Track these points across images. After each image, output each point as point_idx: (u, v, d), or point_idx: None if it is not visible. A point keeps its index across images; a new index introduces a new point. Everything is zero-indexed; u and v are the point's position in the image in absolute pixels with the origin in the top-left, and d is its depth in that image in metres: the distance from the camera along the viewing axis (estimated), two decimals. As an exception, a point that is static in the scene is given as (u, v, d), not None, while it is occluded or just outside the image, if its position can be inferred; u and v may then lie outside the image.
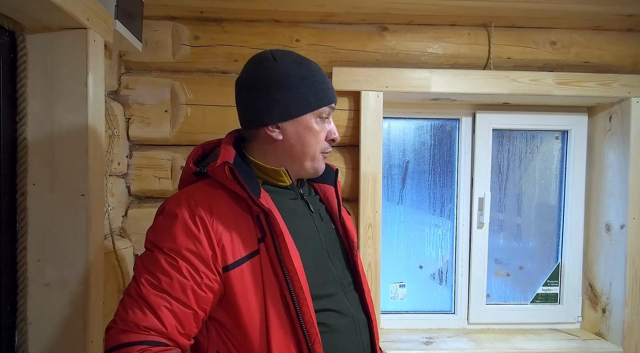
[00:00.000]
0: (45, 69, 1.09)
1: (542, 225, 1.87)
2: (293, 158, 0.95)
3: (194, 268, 0.80)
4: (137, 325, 0.77)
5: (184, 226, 0.82)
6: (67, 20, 1.04)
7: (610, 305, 1.71)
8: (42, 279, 1.10)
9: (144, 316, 0.77)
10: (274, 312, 0.83)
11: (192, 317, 0.81)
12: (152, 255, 0.82)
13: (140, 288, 0.79)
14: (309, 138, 0.93)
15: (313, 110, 0.92)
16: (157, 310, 0.78)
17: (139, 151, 1.57)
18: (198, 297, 0.81)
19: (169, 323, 0.78)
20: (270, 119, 0.91)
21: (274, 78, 0.90)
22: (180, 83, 1.57)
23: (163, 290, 0.79)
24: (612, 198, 1.70)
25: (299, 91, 0.90)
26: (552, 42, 1.67)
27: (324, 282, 0.91)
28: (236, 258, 0.83)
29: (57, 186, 1.10)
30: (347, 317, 0.92)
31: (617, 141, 1.69)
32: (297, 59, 0.94)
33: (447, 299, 1.84)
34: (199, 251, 0.81)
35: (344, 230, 1.04)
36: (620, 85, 1.62)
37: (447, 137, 1.83)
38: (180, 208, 0.84)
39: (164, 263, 0.80)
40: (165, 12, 1.54)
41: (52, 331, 1.09)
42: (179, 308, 0.79)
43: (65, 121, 1.10)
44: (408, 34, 1.64)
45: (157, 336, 0.78)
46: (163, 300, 0.78)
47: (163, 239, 0.82)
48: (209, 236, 0.82)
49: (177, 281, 0.79)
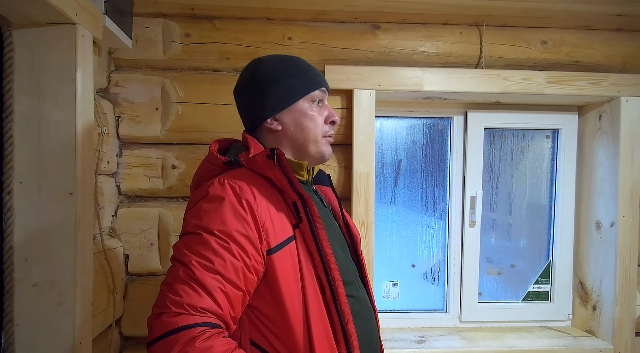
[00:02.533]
0: (32, 65, 1.07)
1: (533, 223, 1.88)
2: (297, 145, 1.00)
3: (244, 250, 0.81)
4: (194, 306, 0.75)
5: (233, 209, 0.83)
6: (55, 15, 1.02)
7: (601, 303, 1.72)
8: (29, 280, 1.08)
9: (200, 297, 0.76)
10: (312, 294, 0.86)
11: (241, 299, 0.81)
12: (200, 238, 0.81)
13: (193, 270, 0.77)
14: (306, 122, 0.99)
15: (304, 95, 0.99)
16: (213, 291, 0.77)
17: (129, 149, 1.55)
18: (247, 279, 0.81)
19: (224, 305, 0.78)
20: (266, 112, 0.98)
21: (261, 76, 0.99)
22: (171, 81, 1.55)
23: (217, 272, 0.78)
24: (602, 196, 1.72)
25: (287, 82, 0.98)
26: (543, 42, 1.68)
27: (344, 269, 0.94)
28: (278, 241, 0.86)
29: (45, 184, 1.08)
30: (364, 304, 0.98)
31: (607, 140, 1.70)
32: (280, 57, 1.02)
33: (439, 298, 1.85)
34: (247, 233, 0.82)
35: (346, 228, 1.10)
36: (610, 84, 1.63)
37: (439, 136, 1.83)
38: (225, 192, 0.85)
39: (215, 245, 0.80)
40: (155, 9, 1.52)
41: (39, 333, 1.07)
42: (231, 290, 0.79)
43: (53, 118, 1.07)
44: (400, 33, 1.64)
45: (214, 318, 0.76)
46: (217, 282, 0.78)
47: (211, 221, 0.82)
48: (255, 219, 0.84)
49: (230, 263, 0.79)
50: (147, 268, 1.54)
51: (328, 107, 1.03)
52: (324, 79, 1.03)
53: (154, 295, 1.54)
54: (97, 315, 1.29)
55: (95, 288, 1.24)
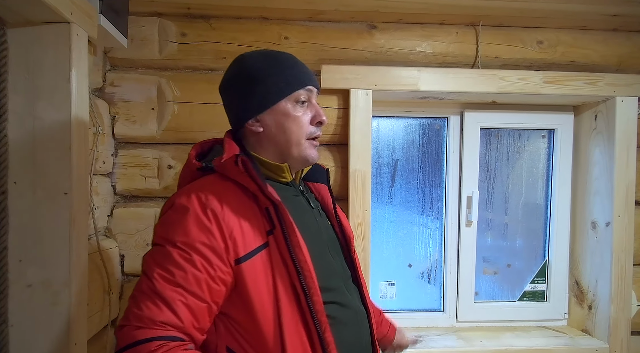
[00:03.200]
0: (26, 64, 1.06)
1: (529, 223, 1.89)
2: (279, 147, 0.95)
3: (208, 261, 0.80)
4: (153, 320, 0.75)
5: (196, 219, 0.81)
6: (49, 14, 1.01)
7: (597, 302, 1.73)
8: (23, 280, 1.07)
9: (160, 311, 0.76)
10: (286, 303, 0.83)
11: (206, 311, 0.80)
12: (163, 249, 0.81)
13: (154, 283, 0.78)
14: (288, 124, 0.94)
15: (286, 96, 0.93)
16: (173, 305, 0.77)
17: (124, 149, 1.54)
18: (212, 290, 0.80)
19: (185, 318, 0.77)
20: (248, 114, 0.94)
21: (244, 75, 0.94)
22: (167, 80, 1.55)
23: (178, 284, 0.78)
24: (598, 195, 1.72)
25: (269, 80, 0.92)
26: (539, 42, 1.69)
27: (328, 275, 0.91)
28: (247, 250, 0.83)
29: (40, 184, 1.07)
30: (350, 310, 0.93)
31: (602, 140, 1.71)
32: (265, 53, 0.97)
33: (436, 297, 1.85)
34: (212, 244, 0.81)
35: (340, 227, 1.06)
36: (606, 84, 1.64)
37: (435, 136, 1.83)
38: (191, 202, 0.83)
39: (177, 257, 0.79)
40: (151, 8, 1.52)
41: (34, 334, 1.06)
42: (194, 302, 0.78)
43: (47, 117, 1.07)
44: (397, 33, 1.64)
45: (174, 331, 0.76)
46: (178, 294, 0.77)
47: (175, 233, 0.81)
48: (221, 229, 0.82)
49: (191, 275, 0.78)
50: (143, 268, 1.53)
51: (315, 107, 0.97)
52: (312, 77, 0.97)
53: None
54: (93, 315, 1.28)
55: (91, 289, 1.23)
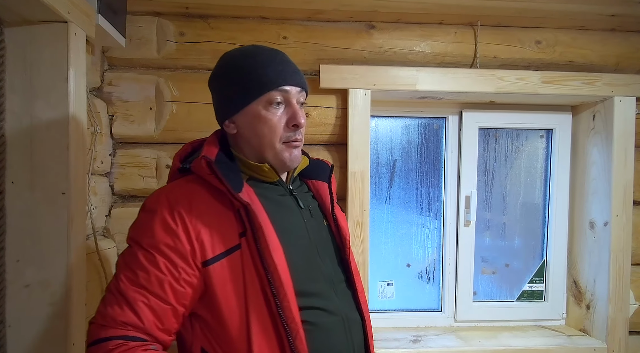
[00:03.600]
0: (24, 64, 1.05)
1: (528, 222, 1.89)
2: (254, 150, 0.94)
3: (172, 263, 0.81)
4: (114, 320, 0.78)
5: (163, 222, 0.82)
6: (47, 14, 1.01)
7: (595, 302, 1.73)
8: (21, 280, 1.06)
9: (122, 311, 0.78)
10: (255, 307, 0.82)
11: (170, 312, 0.81)
12: (131, 250, 0.83)
13: (119, 283, 0.80)
14: (260, 127, 0.90)
15: (257, 98, 0.89)
16: (134, 305, 0.78)
17: (122, 149, 1.54)
18: (176, 292, 0.81)
19: (147, 318, 0.78)
20: (224, 114, 0.94)
21: (220, 74, 0.94)
22: (165, 80, 1.54)
23: (140, 285, 0.79)
24: (596, 195, 1.73)
25: (243, 81, 0.90)
26: (537, 42, 1.69)
27: (311, 279, 0.90)
28: (215, 253, 0.83)
29: (37, 184, 1.06)
30: (335, 316, 0.90)
31: (600, 140, 1.71)
32: (245, 51, 0.94)
33: (434, 297, 1.85)
34: (177, 246, 0.81)
35: (336, 228, 1.03)
36: (604, 84, 1.64)
37: (434, 135, 1.83)
38: (159, 204, 0.84)
39: (142, 259, 0.81)
40: (149, 8, 1.51)
41: (32, 334, 1.06)
42: (156, 303, 0.79)
43: (45, 117, 1.06)
44: (395, 32, 1.64)
45: (134, 331, 0.78)
46: (140, 295, 0.79)
47: (142, 235, 0.83)
48: (187, 232, 0.82)
49: (154, 276, 0.80)
50: (141, 268, 1.53)
51: (294, 108, 0.91)
52: (292, 76, 0.91)
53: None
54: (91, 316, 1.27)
55: (89, 289, 1.22)
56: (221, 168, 0.85)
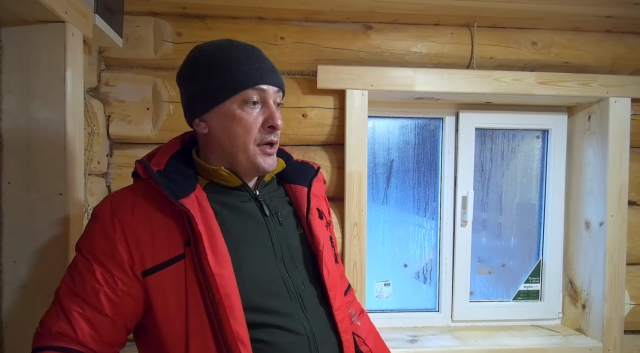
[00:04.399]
0: (21, 64, 1.05)
1: (524, 222, 1.90)
2: (225, 152, 0.86)
3: (109, 273, 0.76)
4: (50, 329, 0.76)
5: (102, 229, 0.78)
6: (44, 13, 1.01)
7: (590, 301, 1.74)
8: (18, 281, 1.06)
9: (57, 321, 0.75)
10: (196, 322, 0.76)
11: (109, 324, 0.77)
12: (74, 257, 0.81)
13: (59, 290, 0.78)
14: (233, 127, 0.83)
15: (231, 95, 0.82)
16: (69, 315, 0.75)
17: (119, 149, 1.54)
18: (113, 303, 0.76)
19: (81, 330, 0.75)
20: (193, 112, 0.86)
21: (191, 70, 0.86)
22: (163, 80, 1.54)
23: (77, 294, 0.76)
24: (592, 195, 1.74)
25: (216, 77, 0.82)
26: (533, 43, 1.70)
27: (268, 293, 0.82)
28: (156, 262, 0.77)
29: (34, 185, 1.06)
30: (297, 335, 0.81)
31: (595, 140, 1.72)
32: (219, 45, 0.86)
33: (431, 297, 1.85)
34: (113, 254, 0.76)
35: (311, 237, 0.93)
36: (599, 85, 1.65)
37: (430, 136, 1.84)
38: (102, 210, 0.80)
39: (80, 267, 0.78)
40: (146, 8, 1.51)
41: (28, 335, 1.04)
42: (92, 315, 0.76)
43: (42, 117, 1.06)
44: (392, 33, 1.65)
45: (67, 341, 0.74)
46: (76, 305, 0.75)
47: (82, 241, 0.81)
48: (126, 239, 0.77)
49: (89, 286, 0.76)
50: (138, 269, 1.53)
51: (271, 109, 0.85)
52: (270, 74, 0.85)
53: (145, 296, 1.53)
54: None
55: (86, 290, 1.22)
56: (172, 173, 0.80)
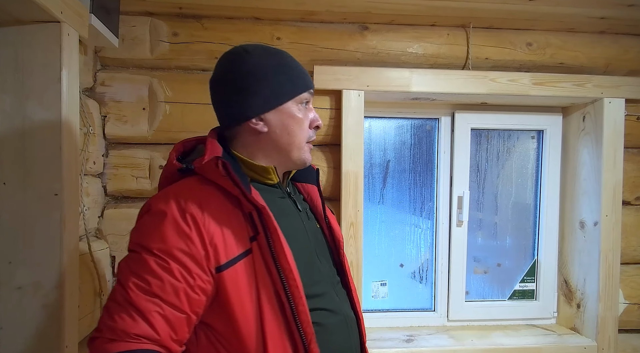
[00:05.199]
0: (16, 64, 1.05)
1: (519, 222, 1.91)
2: (280, 149, 0.92)
3: (187, 270, 0.76)
4: (126, 332, 0.72)
5: (175, 225, 0.77)
6: (39, 13, 1.00)
7: (585, 301, 1.75)
8: (13, 282, 1.05)
9: (134, 323, 0.72)
10: (269, 312, 0.80)
11: (185, 322, 0.77)
12: (139, 257, 0.77)
13: (129, 293, 0.74)
14: (293, 126, 0.91)
15: (293, 97, 0.91)
16: (149, 316, 0.73)
17: (115, 149, 1.53)
18: (191, 300, 0.77)
19: (162, 329, 0.74)
20: (252, 111, 0.89)
21: (249, 70, 0.89)
22: (159, 80, 1.54)
23: (154, 294, 0.74)
24: (586, 195, 1.75)
25: (277, 79, 0.89)
26: (528, 44, 1.71)
27: (314, 281, 0.89)
28: (229, 257, 0.79)
29: (29, 185, 1.05)
30: (338, 315, 0.91)
31: (590, 141, 1.73)
32: (267, 49, 0.93)
33: (427, 297, 1.86)
34: (191, 251, 0.77)
35: (329, 230, 1.03)
36: (594, 86, 1.66)
37: (426, 136, 1.85)
38: (169, 206, 0.79)
39: (153, 265, 0.75)
40: (142, 8, 1.51)
41: (24, 336, 1.05)
42: (171, 313, 0.75)
43: (37, 117, 1.05)
44: (389, 34, 1.65)
45: (149, 343, 0.73)
46: (154, 305, 0.74)
47: (151, 239, 0.77)
48: (201, 235, 0.78)
49: (169, 284, 0.75)
50: (134, 269, 1.52)
51: (313, 110, 0.96)
52: (311, 79, 0.96)
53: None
54: (84, 317, 1.27)
55: (82, 291, 1.22)
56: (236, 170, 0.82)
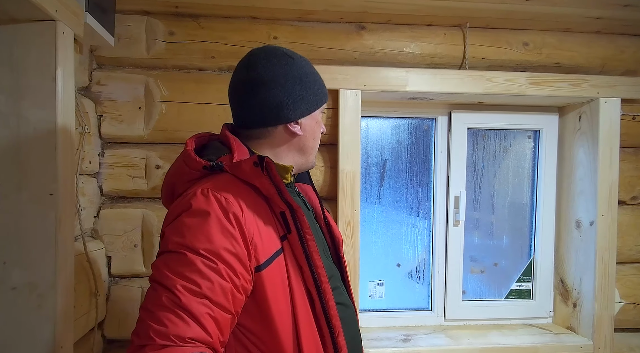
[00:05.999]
0: (11, 63, 1.04)
1: (515, 222, 1.91)
2: (304, 152, 0.98)
3: (233, 270, 0.75)
4: (181, 337, 0.68)
5: (219, 225, 0.76)
6: (34, 12, 1.00)
7: (581, 300, 1.76)
8: (8, 283, 1.05)
9: (188, 326, 0.69)
10: (302, 309, 0.83)
11: (229, 322, 0.76)
12: (184, 258, 0.74)
13: (178, 295, 0.70)
14: (317, 132, 0.99)
15: (323, 104, 0.98)
16: (201, 319, 0.71)
17: (111, 149, 1.53)
18: (236, 300, 0.76)
19: (214, 331, 0.72)
20: (294, 115, 0.93)
21: (296, 75, 0.92)
22: (155, 80, 1.53)
23: (204, 296, 0.72)
24: (582, 195, 1.75)
25: (315, 87, 0.95)
26: (524, 43, 1.71)
27: (329, 276, 0.91)
28: (267, 256, 0.80)
29: (24, 185, 1.05)
30: (349, 308, 0.96)
31: (586, 140, 1.74)
32: (302, 56, 0.98)
33: (424, 296, 1.86)
34: (236, 250, 0.76)
35: (327, 227, 1.07)
36: (590, 85, 1.67)
37: (423, 136, 1.85)
38: (211, 205, 0.77)
39: (201, 266, 0.73)
40: (139, 7, 1.50)
41: (19, 337, 1.05)
42: (220, 314, 0.73)
43: (32, 117, 1.05)
44: (386, 33, 1.65)
45: (203, 347, 0.71)
46: (205, 307, 0.72)
47: (197, 239, 0.75)
48: (244, 235, 0.77)
49: (218, 285, 0.73)
50: (131, 270, 1.52)
51: None
52: None
53: (137, 297, 1.52)
54: (79, 318, 1.26)
55: (77, 291, 1.21)
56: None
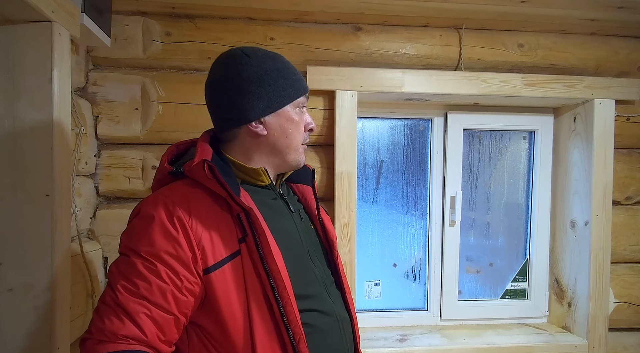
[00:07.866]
0: (6, 64, 1.04)
1: (511, 222, 1.92)
2: (277, 152, 0.95)
3: (174, 272, 0.78)
4: (115, 334, 0.74)
5: (162, 228, 0.79)
6: (30, 13, 0.99)
7: (576, 300, 1.77)
8: (4, 284, 1.04)
9: (122, 324, 0.74)
10: (258, 313, 0.82)
11: (173, 323, 0.78)
12: (128, 259, 0.79)
13: (117, 295, 0.76)
14: (291, 130, 0.94)
15: (292, 101, 0.93)
16: (136, 317, 0.75)
17: (108, 150, 1.52)
18: (179, 302, 0.78)
19: (149, 331, 0.75)
20: (253, 115, 0.90)
21: (251, 73, 0.90)
22: (151, 80, 1.53)
23: (141, 296, 0.76)
24: (577, 196, 1.77)
25: (278, 83, 0.91)
26: (520, 45, 1.72)
27: (306, 282, 0.90)
28: (217, 259, 0.81)
29: (20, 186, 1.05)
30: (331, 317, 0.92)
31: (581, 141, 1.75)
32: (267, 53, 0.95)
33: (420, 296, 1.87)
34: (178, 253, 0.78)
35: (323, 230, 1.04)
36: (584, 87, 1.68)
37: (419, 137, 1.86)
38: (157, 209, 0.80)
39: (141, 268, 0.77)
40: (135, 7, 1.50)
41: (15, 339, 1.04)
42: (159, 314, 0.76)
43: (28, 118, 1.05)
44: (382, 35, 1.66)
45: (137, 344, 0.75)
46: (142, 307, 0.75)
47: (140, 242, 0.79)
48: (189, 238, 0.79)
49: (156, 286, 0.76)
50: (127, 270, 1.52)
51: (307, 113, 0.99)
52: (306, 83, 0.99)
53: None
54: (75, 319, 1.26)
55: (73, 292, 1.21)
56: (220, 172, 0.82)
